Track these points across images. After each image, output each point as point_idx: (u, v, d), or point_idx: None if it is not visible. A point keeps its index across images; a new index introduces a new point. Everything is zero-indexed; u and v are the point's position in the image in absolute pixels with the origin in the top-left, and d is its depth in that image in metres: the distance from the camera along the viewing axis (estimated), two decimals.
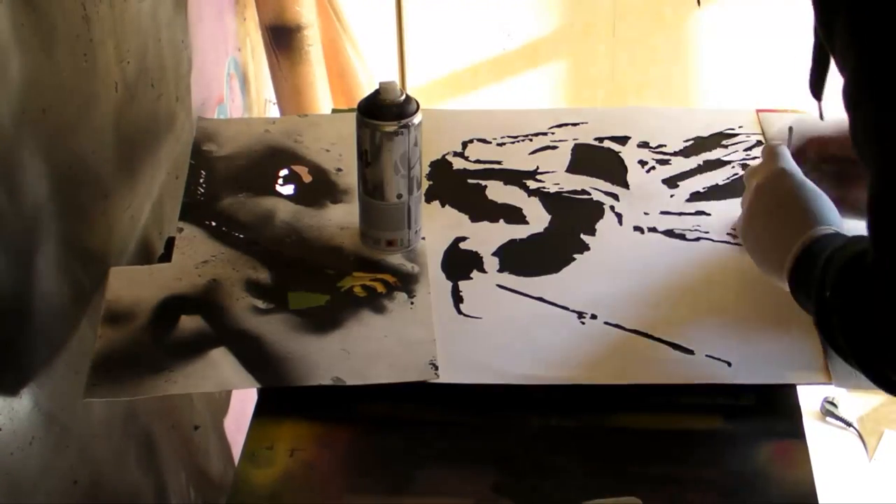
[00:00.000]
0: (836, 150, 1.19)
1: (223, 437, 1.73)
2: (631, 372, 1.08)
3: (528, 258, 1.23)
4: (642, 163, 1.37)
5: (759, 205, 1.07)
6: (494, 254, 1.23)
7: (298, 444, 1.04)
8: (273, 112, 2.13)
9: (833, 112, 1.16)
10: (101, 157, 1.21)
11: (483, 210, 1.30)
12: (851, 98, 0.81)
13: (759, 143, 1.40)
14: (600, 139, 1.42)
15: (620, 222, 1.28)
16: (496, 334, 1.13)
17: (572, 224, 1.28)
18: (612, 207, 1.30)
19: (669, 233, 1.26)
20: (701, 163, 1.37)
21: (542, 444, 1.04)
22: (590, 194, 1.33)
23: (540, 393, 1.08)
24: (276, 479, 1.01)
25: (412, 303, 1.16)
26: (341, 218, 1.28)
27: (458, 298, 1.17)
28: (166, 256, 1.23)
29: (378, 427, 1.07)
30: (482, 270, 1.21)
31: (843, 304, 0.87)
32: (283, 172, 1.36)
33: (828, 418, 2.38)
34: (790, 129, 1.24)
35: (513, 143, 1.42)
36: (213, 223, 1.27)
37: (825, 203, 1.03)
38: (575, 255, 1.23)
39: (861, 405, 2.41)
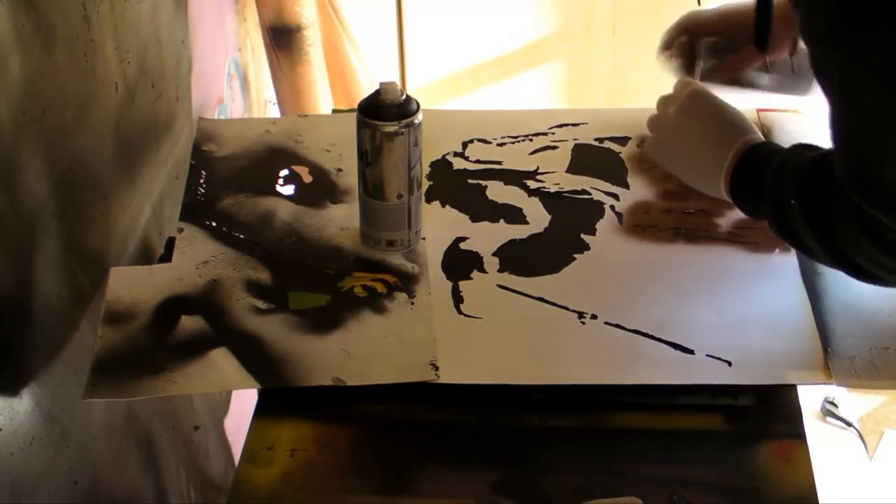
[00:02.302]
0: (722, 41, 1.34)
1: (223, 438, 1.73)
2: (631, 372, 1.08)
3: (528, 258, 1.23)
4: (643, 163, 1.37)
5: (685, 122, 1.23)
6: (495, 254, 1.23)
7: (298, 445, 1.04)
8: (273, 112, 2.13)
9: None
10: (100, 158, 1.21)
11: (483, 210, 1.30)
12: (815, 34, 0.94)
13: None
14: (600, 139, 1.42)
15: (621, 222, 1.28)
16: (496, 334, 1.13)
17: (572, 224, 1.28)
18: (612, 207, 1.30)
19: (670, 233, 1.26)
20: None
21: (542, 444, 1.05)
22: (590, 194, 1.32)
23: (540, 393, 1.08)
24: (276, 479, 1.01)
25: (412, 303, 1.16)
26: (341, 218, 1.28)
27: (458, 298, 1.17)
28: (166, 257, 1.23)
29: (378, 427, 1.07)
30: (482, 270, 1.21)
31: (810, 206, 1.02)
32: (284, 173, 1.36)
33: (828, 418, 2.38)
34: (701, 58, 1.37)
35: (513, 143, 1.42)
36: (214, 223, 1.27)
37: (741, 114, 1.20)
38: (575, 255, 1.23)
39: (861, 405, 2.41)
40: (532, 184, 1.35)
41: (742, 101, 1.28)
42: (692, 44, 1.34)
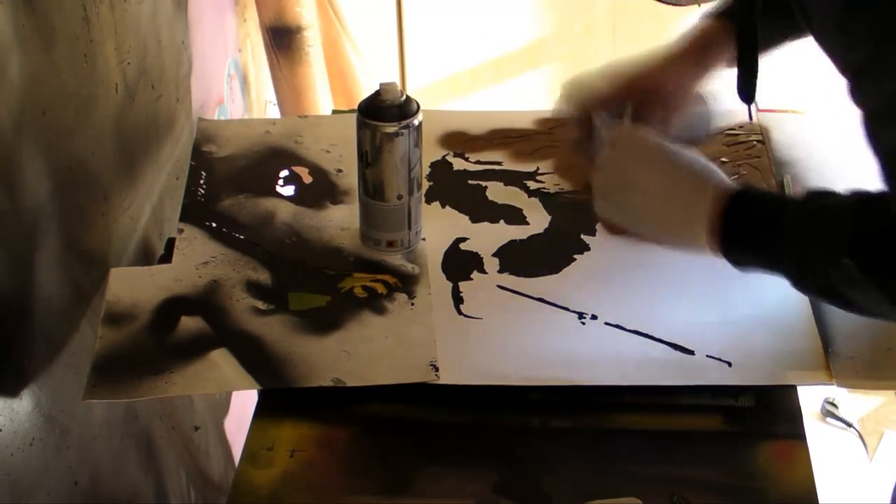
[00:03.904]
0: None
1: (223, 438, 1.73)
2: (631, 372, 1.08)
3: (528, 259, 1.23)
4: None
5: (641, 178, 1.05)
6: (495, 254, 1.23)
7: (298, 445, 1.04)
8: (273, 113, 2.13)
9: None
10: (100, 158, 1.21)
11: (483, 211, 1.30)
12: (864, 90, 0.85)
13: (759, 142, 1.39)
14: None
15: None
16: (496, 335, 1.13)
17: (572, 224, 1.28)
18: None
19: None
20: None
21: (542, 445, 1.04)
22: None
23: (539, 393, 1.08)
24: (276, 480, 1.01)
25: (412, 304, 1.16)
26: (341, 219, 1.28)
27: (458, 299, 1.17)
28: (166, 257, 1.23)
29: (378, 427, 1.07)
30: (482, 271, 1.21)
31: (876, 264, 0.88)
32: (284, 173, 1.36)
33: (828, 419, 2.38)
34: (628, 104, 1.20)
35: (513, 143, 1.42)
36: (214, 224, 1.27)
37: (703, 159, 1.03)
38: (575, 256, 1.23)
39: (861, 406, 2.41)
40: (532, 184, 1.35)
41: None
42: (589, 120, 1.17)
